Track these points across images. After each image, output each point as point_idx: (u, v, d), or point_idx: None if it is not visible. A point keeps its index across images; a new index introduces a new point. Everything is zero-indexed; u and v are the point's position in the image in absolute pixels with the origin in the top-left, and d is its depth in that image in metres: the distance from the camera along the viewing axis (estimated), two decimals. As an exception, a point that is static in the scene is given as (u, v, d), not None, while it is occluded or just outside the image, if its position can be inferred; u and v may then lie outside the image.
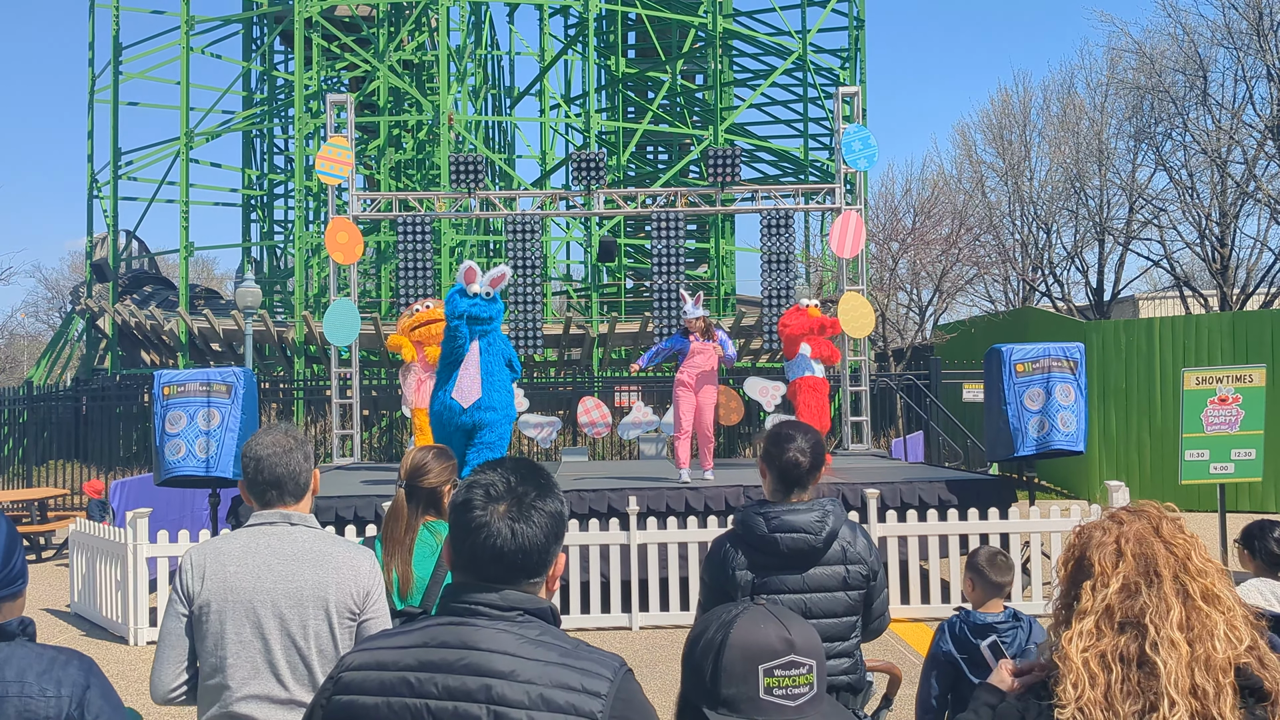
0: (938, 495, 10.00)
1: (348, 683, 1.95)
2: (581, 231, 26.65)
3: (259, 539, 2.98)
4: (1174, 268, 27.13)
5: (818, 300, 11.83)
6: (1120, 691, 1.92)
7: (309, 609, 2.91)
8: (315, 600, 2.91)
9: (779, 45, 28.37)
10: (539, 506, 1.99)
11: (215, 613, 2.90)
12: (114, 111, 25.92)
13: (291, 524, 3.03)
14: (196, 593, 2.93)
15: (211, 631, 2.90)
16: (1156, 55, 25.45)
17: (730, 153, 14.72)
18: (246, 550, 2.95)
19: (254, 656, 2.88)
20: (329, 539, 3.07)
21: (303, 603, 2.91)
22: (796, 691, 1.80)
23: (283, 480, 3.04)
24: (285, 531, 3.00)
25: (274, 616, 2.89)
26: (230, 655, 2.88)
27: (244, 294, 19.71)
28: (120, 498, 11.57)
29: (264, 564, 2.93)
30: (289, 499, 3.06)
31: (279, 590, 2.90)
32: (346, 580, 2.96)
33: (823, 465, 3.56)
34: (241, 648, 2.88)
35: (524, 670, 1.85)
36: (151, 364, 25.59)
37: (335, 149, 14.29)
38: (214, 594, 2.90)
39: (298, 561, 2.94)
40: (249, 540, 2.98)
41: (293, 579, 2.92)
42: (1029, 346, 10.05)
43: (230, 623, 2.89)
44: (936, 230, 24.52)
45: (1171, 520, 2.11)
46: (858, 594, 3.44)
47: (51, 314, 52.70)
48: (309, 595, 2.91)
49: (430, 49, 27.68)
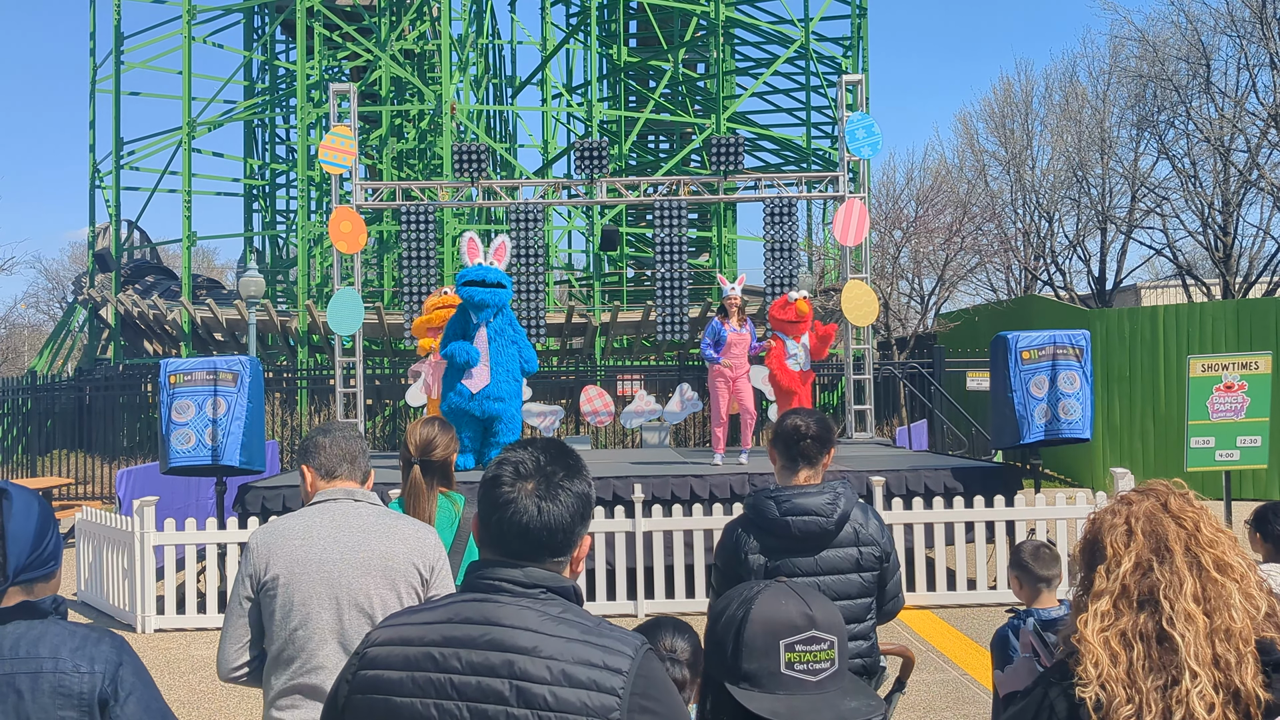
0: (943, 483, 10.01)
1: (373, 658, 1.97)
2: (584, 220, 26.64)
3: (324, 515, 3.05)
4: (1176, 256, 27.09)
5: (804, 293, 11.74)
6: (1142, 668, 1.93)
7: (376, 579, 2.95)
8: (383, 570, 2.95)
9: (781, 33, 28.30)
10: (567, 486, 2.00)
11: (284, 586, 2.93)
12: (116, 101, 25.87)
13: (355, 500, 3.10)
14: (263, 571, 2.96)
15: (280, 606, 2.93)
16: (1159, 43, 25.39)
17: (733, 141, 14.70)
18: (311, 525, 3.01)
19: (322, 628, 2.92)
20: (394, 515, 3.13)
21: (370, 572, 2.95)
22: (818, 667, 1.80)
23: (355, 455, 3.18)
24: (350, 507, 3.07)
25: (343, 587, 2.93)
26: (299, 627, 2.92)
27: (247, 283, 19.72)
28: (126, 486, 11.58)
29: (330, 537, 2.98)
30: (358, 474, 3.17)
31: (347, 561, 2.94)
32: (413, 552, 3.01)
33: (831, 443, 3.56)
34: (310, 619, 2.92)
35: (546, 646, 1.86)
36: (154, 354, 25.60)
37: (338, 138, 14.28)
38: (281, 569, 2.94)
39: (364, 533, 3.00)
40: (314, 516, 3.04)
41: (360, 549, 2.96)
42: (1035, 334, 10.04)
43: (298, 595, 2.92)
44: (939, 219, 24.50)
45: (1180, 495, 2.11)
46: (871, 576, 3.45)
47: (52, 304, 52.74)
48: (376, 566, 2.96)
49: (432, 38, 27.62)
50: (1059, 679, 2.03)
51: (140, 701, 2.23)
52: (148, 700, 2.25)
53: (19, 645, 2.18)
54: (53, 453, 19.83)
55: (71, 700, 2.16)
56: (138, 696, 2.23)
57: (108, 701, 2.19)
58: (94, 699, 2.18)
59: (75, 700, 2.17)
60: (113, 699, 2.20)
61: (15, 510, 2.25)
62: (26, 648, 2.18)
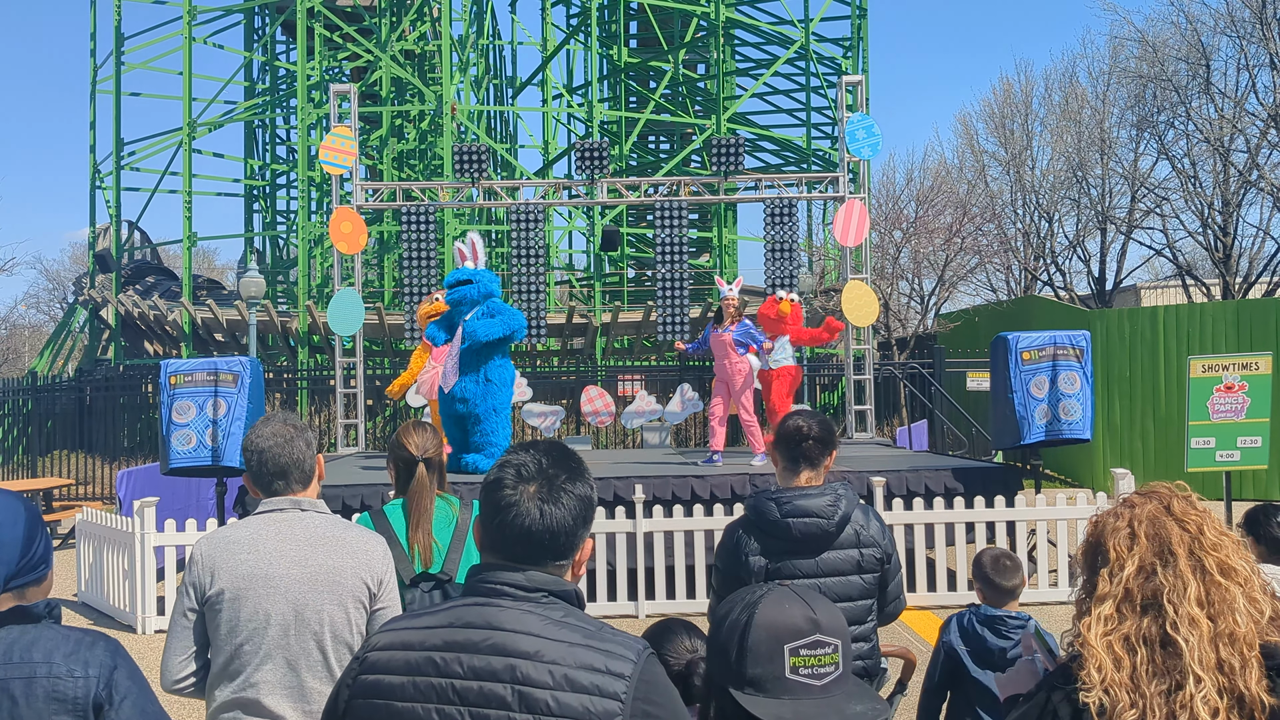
0: (944, 483, 10.00)
1: (373, 662, 1.96)
2: (584, 221, 26.63)
3: (270, 526, 2.94)
4: (1176, 257, 27.08)
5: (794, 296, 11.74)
6: (1146, 673, 1.92)
7: (324, 595, 2.86)
8: (330, 586, 2.87)
9: (781, 34, 28.30)
10: (569, 489, 2.00)
11: (230, 602, 2.85)
12: (116, 102, 25.86)
13: (302, 509, 2.98)
14: (207, 584, 2.88)
15: (226, 621, 2.85)
16: (1159, 44, 25.38)
17: (733, 142, 14.70)
18: (257, 537, 2.91)
19: (268, 644, 2.84)
20: (341, 524, 3.03)
21: (317, 588, 2.86)
22: (822, 671, 1.80)
23: (288, 469, 2.99)
24: (296, 517, 2.96)
25: (290, 603, 2.85)
26: (245, 643, 2.85)
27: (247, 284, 19.72)
28: (127, 487, 11.58)
29: (276, 550, 2.88)
30: (296, 486, 3.01)
31: (293, 576, 2.86)
32: (360, 567, 2.92)
33: (833, 444, 3.55)
34: (255, 635, 2.84)
35: (548, 651, 1.86)
36: (155, 354, 25.59)
37: (338, 139, 14.28)
38: (227, 584, 2.86)
39: (311, 546, 2.90)
40: (260, 527, 2.93)
41: (306, 564, 2.87)
42: (1035, 334, 10.04)
43: (245, 611, 2.85)
44: (939, 219, 24.48)
45: (1183, 498, 2.11)
46: (872, 577, 3.45)
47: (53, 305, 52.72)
48: (323, 581, 2.87)
49: (432, 39, 27.63)
50: (1062, 683, 2.03)
51: (135, 705, 2.23)
52: (143, 704, 2.25)
53: (12, 651, 2.18)
54: (53, 453, 19.83)
55: (66, 705, 2.16)
56: (132, 700, 2.23)
57: (102, 706, 2.19)
58: (89, 703, 2.18)
59: (70, 705, 2.16)
60: (107, 703, 2.19)
61: (2, 518, 2.25)
62: (20, 653, 2.17)
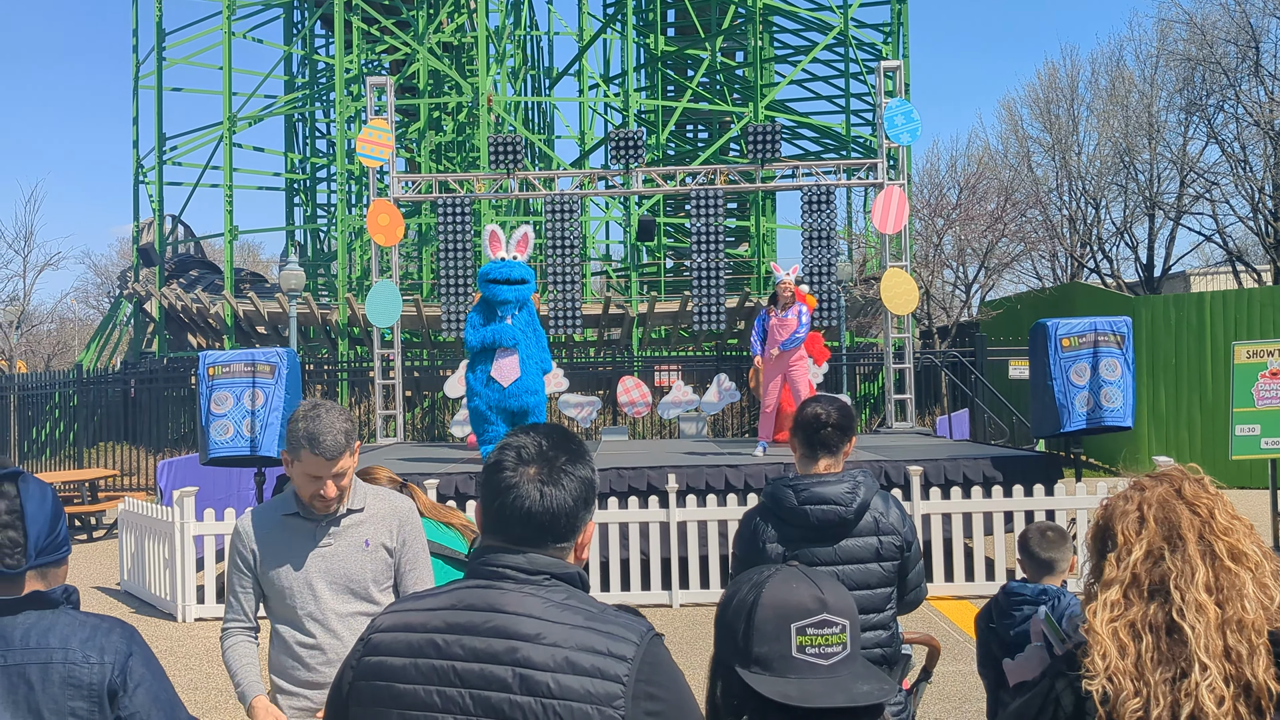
0: (982, 472, 9.90)
1: (377, 644, 1.96)
2: (620, 211, 26.61)
3: None
4: (1226, 242, 26.64)
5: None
6: (1151, 660, 1.87)
7: None
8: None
9: (820, 20, 28.07)
10: (569, 470, 1.99)
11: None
12: (158, 97, 26.19)
13: None
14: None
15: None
16: (1208, 26, 24.95)
17: (770, 129, 14.59)
18: None
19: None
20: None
21: None
22: (829, 650, 1.77)
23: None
24: None
25: None
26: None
27: (288, 277, 19.88)
28: (167, 477, 11.73)
29: None
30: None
31: None
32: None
33: (852, 431, 3.51)
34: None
35: (550, 633, 1.84)
36: (198, 347, 25.92)
37: (376, 132, 14.34)
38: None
39: None
40: None
41: None
42: (1075, 321, 9.90)
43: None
44: (982, 206, 24.22)
45: (1194, 481, 2.05)
46: (891, 565, 3.40)
47: (100, 299, 53.47)
48: None
49: (469, 30, 27.68)
50: (1067, 670, 1.98)
51: (149, 692, 2.24)
52: (156, 690, 2.26)
53: (29, 635, 2.19)
54: (100, 445, 20.15)
55: (81, 691, 2.17)
56: (146, 687, 2.24)
57: (117, 692, 2.20)
58: (104, 689, 2.19)
59: (85, 691, 2.18)
60: (122, 689, 2.21)
61: (32, 492, 2.27)
62: (37, 638, 2.19)
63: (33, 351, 46.22)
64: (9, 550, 2.23)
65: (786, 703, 1.71)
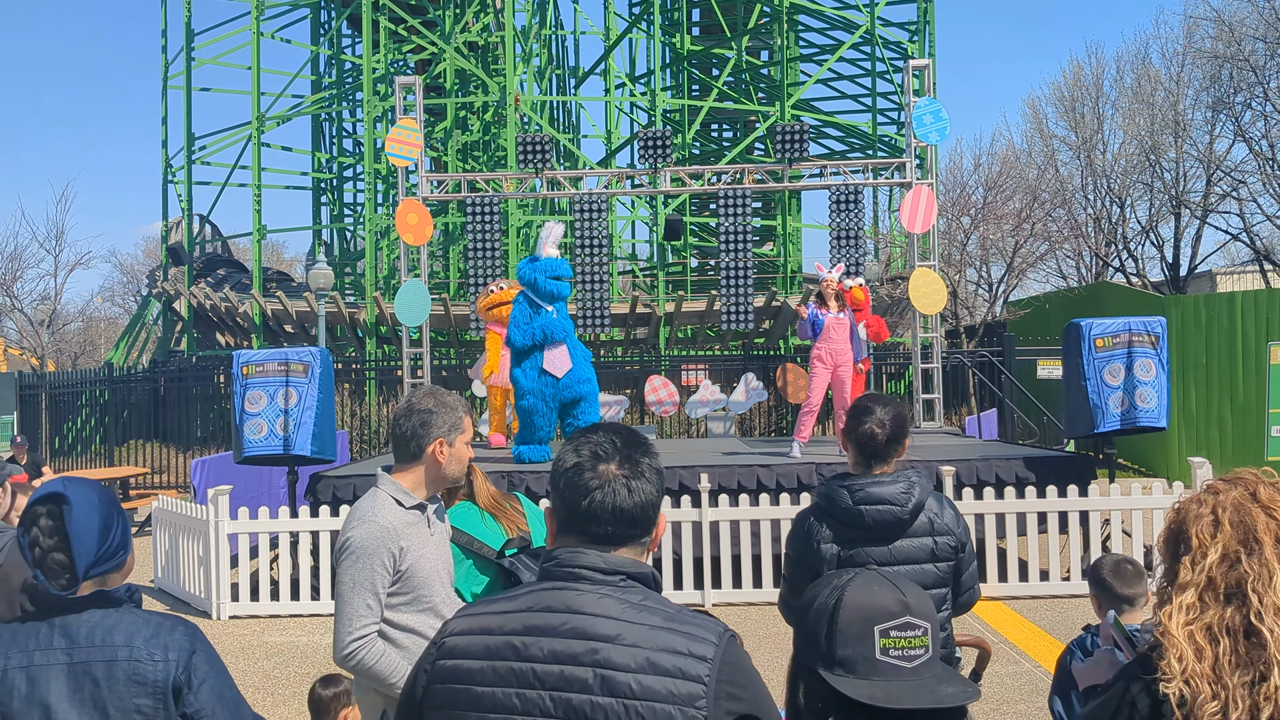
0: (1015, 472, 9.85)
1: (451, 647, 1.96)
2: (647, 210, 26.63)
3: None
4: (1254, 241, 26.41)
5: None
6: (1229, 664, 1.87)
7: None
8: None
9: (846, 19, 27.99)
10: (648, 464, 2.03)
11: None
12: (187, 97, 26.37)
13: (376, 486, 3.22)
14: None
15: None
16: (1236, 23, 24.75)
17: (797, 128, 14.56)
18: None
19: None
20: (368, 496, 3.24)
21: None
22: (912, 653, 1.78)
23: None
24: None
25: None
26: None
27: (316, 276, 20.00)
28: (201, 475, 11.81)
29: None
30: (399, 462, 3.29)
31: None
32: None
33: (904, 437, 3.51)
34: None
35: (629, 634, 1.85)
36: (226, 345, 26.07)
37: (405, 131, 14.40)
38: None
39: None
40: None
41: None
42: (1109, 321, 9.84)
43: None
44: (1007, 205, 24.09)
45: (1269, 484, 2.05)
46: (946, 566, 3.39)
47: (127, 298, 53.88)
48: None
49: (496, 30, 27.75)
50: (1142, 673, 1.98)
51: (213, 689, 2.27)
52: (220, 688, 2.29)
53: (94, 633, 2.22)
54: (129, 443, 20.30)
55: (146, 688, 2.20)
56: (211, 684, 2.27)
57: (181, 689, 2.23)
58: (168, 686, 2.22)
59: (150, 688, 2.20)
60: (186, 686, 2.23)
61: (76, 512, 2.28)
62: (102, 636, 2.22)
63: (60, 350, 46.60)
64: (57, 573, 2.27)
65: (873, 704, 1.72)
